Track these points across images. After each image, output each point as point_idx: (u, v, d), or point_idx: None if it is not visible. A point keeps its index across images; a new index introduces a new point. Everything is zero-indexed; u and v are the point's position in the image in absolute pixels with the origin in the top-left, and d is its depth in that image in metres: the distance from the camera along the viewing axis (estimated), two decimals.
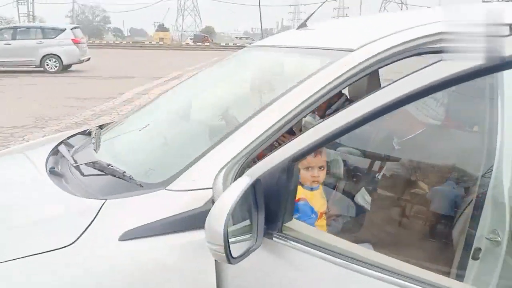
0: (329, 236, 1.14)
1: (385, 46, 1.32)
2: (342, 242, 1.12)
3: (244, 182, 1.00)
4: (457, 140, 1.63)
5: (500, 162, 1.42)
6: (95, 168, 1.49)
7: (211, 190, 1.21)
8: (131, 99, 10.48)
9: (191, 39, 58.52)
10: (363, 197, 1.75)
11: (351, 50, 1.36)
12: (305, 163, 1.56)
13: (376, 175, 1.80)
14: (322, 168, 1.59)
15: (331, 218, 1.74)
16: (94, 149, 1.70)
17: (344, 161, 1.86)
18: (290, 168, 1.07)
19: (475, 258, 1.45)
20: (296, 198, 1.53)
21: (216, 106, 1.99)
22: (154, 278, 1.15)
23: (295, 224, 1.13)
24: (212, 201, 1.21)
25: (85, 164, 1.55)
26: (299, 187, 1.58)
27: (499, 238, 1.42)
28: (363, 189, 1.77)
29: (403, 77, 0.98)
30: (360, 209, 1.74)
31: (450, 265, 1.46)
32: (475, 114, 1.51)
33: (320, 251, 1.07)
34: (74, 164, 1.57)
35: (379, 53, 1.32)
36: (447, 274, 1.45)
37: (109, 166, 1.44)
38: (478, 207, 1.44)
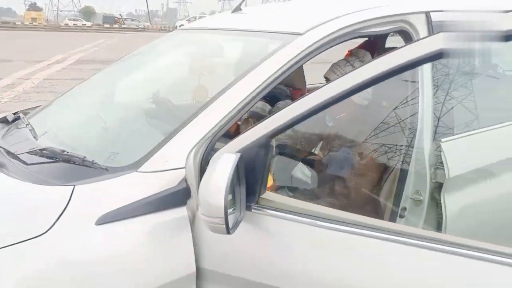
0: (298, 201, 1.26)
1: (331, 30, 1.47)
2: (310, 205, 1.25)
3: (232, 157, 1.07)
4: (384, 116, 1.85)
5: (421, 133, 1.65)
6: (43, 156, 1.43)
7: (183, 169, 1.26)
8: (12, 85, 9.56)
9: (68, 19, 54.48)
10: (302, 171, 1.89)
11: (299, 34, 1.48)
12: None
13: (313, 149, 1.96)
14: None
15: (273, 188, 1.86)
16: (33, 136, 1.62)
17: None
18: (267, 144, 1.16)
19: (402, 216, 1.68)
20: None
21: (157, 88, 1.99)
22: (135, 258, 1.18)
23: (269, 195, 1.23)
24: (185, 180, 1.26)
25: (30, 152, 1.47)
26: None
27: (421, 198, 1.67)
28: (300, 163, 1.92)
29: (384, 54, 1.11)
30: (300, 182, 1.88)
31: None
32: (399, 94, 1.73)
33: (294, 215, 1.19)
34: (18, 153, 1.49)
35: (325, 36, 1.46)
36: None
37: (64, 152, 1.40)
38: (403, 171, 1.67)
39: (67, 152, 1.39)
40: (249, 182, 1.17)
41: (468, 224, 1.68)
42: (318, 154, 1.94)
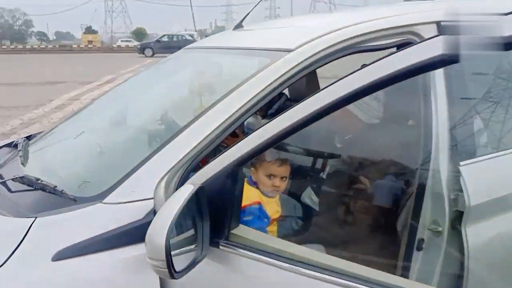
0: (278, 240, 1.11)
1: (322, 46, 1.33)
2: (292, 246, 1.09)
3: (187, 190, 0.95)
4: (396, 136, 1.67)
5: (436, 154, 1.46)
6: (23, 183, 1.37)
7: (152, 200, 1.15)
8: (62, 106, 9.97)
9: (121, 41, 56.81)
10: (310, 197, 1.74)
11: (290, 50, 1.35)
12: (268, 170, 1.54)
13: (321, 174, 1.81)
14: (284, 179, 1.57)
15: (279, 219, 1.72)
16: (21, 163, 1.57)
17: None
18: (234, 173, 1.03)
19: (419, 249, 1.48)
20: (252, 201, 1.51)
21: (154, 110, 1.91)
22: None
23: (242, 230, 1.09)
24: (154, 212, 1.15)
25: (12, 179, 1.42)
26: (256, 190, 1.56)
27: (440, 228, 1.46)
28: (309, 188, 1.77)
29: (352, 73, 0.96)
30: (308, 209, 1.73)
31: (396, 257, 1.48)
32: (411, 110, 1.54)
33: (269, 257, 1.04)
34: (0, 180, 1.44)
35: (316, 53, 1.32)
36: (394, 266, 1.47)
37: (39, 181, 1.32)
38: (419, 199, 1.47)
39: (41, 181, 1.32)
40: (216, 216, 1.04)
41: (494, 258, 1.46)
42: (363, 181, 1.74)
